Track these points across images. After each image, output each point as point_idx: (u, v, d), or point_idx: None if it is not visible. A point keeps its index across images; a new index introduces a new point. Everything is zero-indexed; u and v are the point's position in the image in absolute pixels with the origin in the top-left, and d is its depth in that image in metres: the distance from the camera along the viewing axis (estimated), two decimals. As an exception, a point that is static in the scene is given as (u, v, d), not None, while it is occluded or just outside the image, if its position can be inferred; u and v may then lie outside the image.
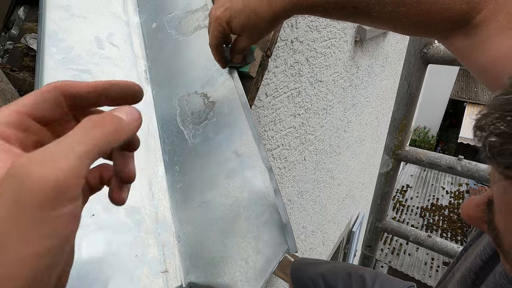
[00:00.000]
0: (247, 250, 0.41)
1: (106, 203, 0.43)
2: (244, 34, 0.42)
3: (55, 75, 0.52)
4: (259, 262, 0.39)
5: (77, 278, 0.37)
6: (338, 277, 0.82)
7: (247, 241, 0.41)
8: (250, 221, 0.42)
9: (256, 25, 0.38)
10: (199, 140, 0.50)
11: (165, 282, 0.42)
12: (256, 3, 0.37)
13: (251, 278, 0.39)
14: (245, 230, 0.42)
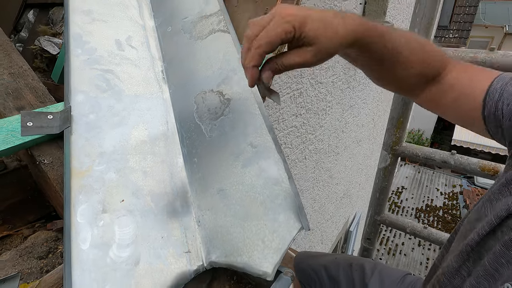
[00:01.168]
0: (264, 231, 0.45)
1: (133, 189, 0.48)
2: (312, 44, 0.36)
3: (81, 75, 0.57)
4: (275, 241, 0.44)
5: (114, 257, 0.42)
6: (339, 267, 0.87)
7: (263, 223, 0.46)
8: (266, 205, 0.47)
9: (330, 38, 0.36)
10: (216, 134, 0.55)
11: (188, 261, 0.47)
12: (334, 17, 0.37)
13: (268, 255, 0.44)
14: (262, 213, 0.46)
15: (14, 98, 0.50)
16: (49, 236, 0.54)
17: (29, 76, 0.54)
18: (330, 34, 0.36)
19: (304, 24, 0.36)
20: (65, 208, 0.43)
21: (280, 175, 0.47)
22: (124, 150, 0.52)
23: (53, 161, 0.49)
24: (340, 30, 0.37)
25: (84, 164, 0.47)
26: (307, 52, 0.37)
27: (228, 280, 0.53)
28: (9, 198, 0.54)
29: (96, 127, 0.52)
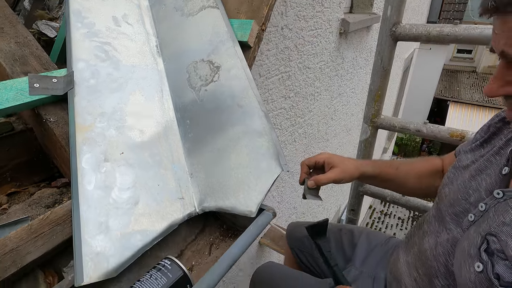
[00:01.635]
0: (249, 177, 0.51)
1: (131, 145, 0.53)
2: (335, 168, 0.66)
3: (82, 46, 0.62)
4: (259, 185, 0.50)
5: (116, 197, 0.47)
6: (330, 232, 0.93)
7: (249, 171, 0.52)
8: (251, 156, 0.52)
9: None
10: (206, 98, 0.60)
11: (182, 206, 0.52)
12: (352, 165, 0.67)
13: (253, 197, 0.49)
14: (247, 162, 0.52)
15: (21, 64, 0.55)
16: (54, 191, 0.59)
17: (33, 45, 0.59)
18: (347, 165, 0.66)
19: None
20: (71, 156, 0.48)
21: (264, 128, 0.53)
22: (123, 112, 0.57)
23: (58, 119, 0.54)
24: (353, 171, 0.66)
25: (87, 120, 0.53)
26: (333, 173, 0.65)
27: (218, 228, 0.59)
28: (16, 158, 0.59)
29: (96, 91, 0.57)
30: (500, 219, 0.40)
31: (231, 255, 0.41)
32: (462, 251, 0.44)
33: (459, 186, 0.52)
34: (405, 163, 0.73)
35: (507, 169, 0.44)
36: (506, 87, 0.38)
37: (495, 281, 0.36)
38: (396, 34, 0.77)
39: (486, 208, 0.44)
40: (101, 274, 0.40)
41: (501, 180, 0.44)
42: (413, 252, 0.60)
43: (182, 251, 0.53)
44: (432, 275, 0.51)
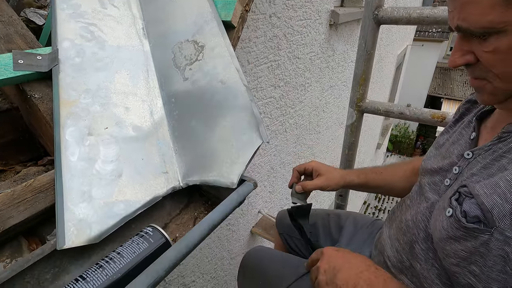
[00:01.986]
0: (231, 150, 0.52)
1: (116, 120, 0.54)
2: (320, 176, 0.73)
3: (67, 26, 0.62)
4: (240, 157, 0.51)
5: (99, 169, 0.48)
6: (318, 218, 0.95)
7: (231, 144, 0.53)
8: (233, 130, 0.54)
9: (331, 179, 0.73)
10: (191, 77, 0.61)
11: (166, 179, 0.53)
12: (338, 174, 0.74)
13: (234, 169, 0.51)
14: (229, 136, 0.53)
15: (5, 42, 0.56)
16: (40, 169, 0.59)
17: (18, 24, 0.59)
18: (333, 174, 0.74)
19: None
20: (54, 129, 0.49)
21: (245, 103, 0.54)
22: (108, 89, 0.58)
23: (43, 96, 0.54)
24: (338, 180, 0.73)
25: (72, 96, 0.53)
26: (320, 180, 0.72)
27: (203, 204, 0.60)
28: (1, 137, 0.60)
29: (81, 69, 0.58)
30: (470, 172, 0.43)
31: (211, 219, 0.42)
32: (438, 208, 0.47)
33: (437, 159, 0.55)
34: (388, 167, 0.78)
35: (474, 134, 0.50)
36: (465, 56, 0.42)
37: (463, 219, 0.39)
38: (378, 17, 0.79)
39: (459, 171, 0.49)
40: (83, 240, 0.41)
41: (470, 145, 0.49)
42: (395, 225, 0.62)
43: (166, 224, 0.54)
44: (412, 242, 0.54)
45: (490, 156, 0.43)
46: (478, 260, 0.39)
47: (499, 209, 0.37)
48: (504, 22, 0.35)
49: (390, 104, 0.86)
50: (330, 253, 0.54)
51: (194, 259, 1.09)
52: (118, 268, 0.39)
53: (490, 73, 0.40)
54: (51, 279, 0.40)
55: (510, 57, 0.37)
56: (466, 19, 0.38)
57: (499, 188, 0.38)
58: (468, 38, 0.40)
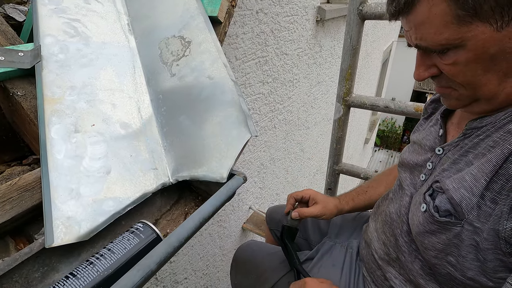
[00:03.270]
0: (220, 145, 0.53)
1: (103, 117, 0.54)
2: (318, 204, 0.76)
3: (49, 21, 0.61)
4: (230, 151, 0.52)
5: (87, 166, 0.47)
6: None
7: (220, 139, 0.53)
8: (221, 125, 0.54)
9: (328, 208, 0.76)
10: (178, 73, 0.61)
11: (155, 176, 0.53)
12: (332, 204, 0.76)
13: (224, 163, 0.51)
14: (218, 131, 0.54)
15: (-16, 38, 0.54)
16: (25, 169, 0.58)
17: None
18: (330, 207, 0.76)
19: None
20: (39, 127, 0.48)
21: (233, 98, 0.54)
22: (93, 86, 0.57)
23: (26, 93, 0.53)
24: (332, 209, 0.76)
25: (56, 93, 0.52)
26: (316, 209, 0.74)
27: (193, 200, 0.60)
28: (-17, 136, 0.58)
29: (65, 65, 0.57)
30: (441, 168, 0.46)
31: (202, 213, 0.43)
32: (415, 203, 0.49)
33: (412, 155, 0.58)
34: (373, 183, 0.83)
35: (442, 131, 0.53)
36: (429, 70, 0.44)
37: (436, 214, 0.41)
38: (363, 12, 0.80)
39: (433, 166, 0.51)
40: (72, 237, 0.41)
41: (439, 141, 0.53)
42: (380, 218, 0.64)
43: (157, 220, 0.54)
44: (397, 235, 0.56)
45: (458, 152, 0.46)
46: (453, 251, 0.42)
47: (467, 202, 0.39)
48: (459, 38, 0.37)
49: (376, 98, 0.88)
50: (313, 284, 0.56)
51: (186, 256, 1.09)
52: (109, 264, 0.39)
53: (454, 82, 0.42)
54: (40, 277, 0.39)
55: (470, 68, 0.39)
56: (423, 38, 0.40)
57: (465, 182, 0.40)
58: (428, 53, 0.42)
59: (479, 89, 0.40)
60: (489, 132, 0.42)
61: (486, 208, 0.38)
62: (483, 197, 0.38)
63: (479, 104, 0.43)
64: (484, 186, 0.38)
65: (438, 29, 0.37)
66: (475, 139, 0.44)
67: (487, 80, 0.39)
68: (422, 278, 0.49)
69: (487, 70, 0.38)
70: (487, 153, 0.40)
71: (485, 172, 0.39)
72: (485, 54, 0.36)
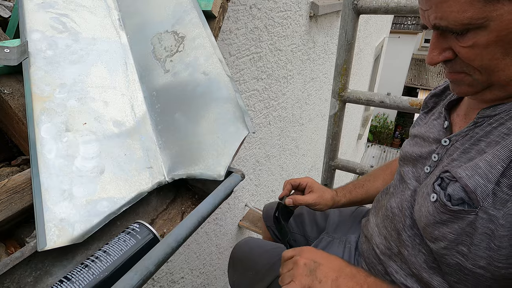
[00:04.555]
0: (217, 142, 0.52)
1: (95, 116, 0.52)
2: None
3: (36, 16, 0.59)
4: (227, 148, 0.51)
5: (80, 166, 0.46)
6: (303, 208, 0.97)
7: (216, 136, 0.52)
8: (218, 121, 0.53)
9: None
10: (172, 69, 0.60)
11: (150, 175, 0.52)
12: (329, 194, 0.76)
13: (221, 161, 0.50)
14: (215, 128, 0.53)
15: (-33, 34, 0.51)
16: (15, 170, 0.56)
17: (-19, 15, 0.55)
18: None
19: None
20: (28, 126, 0.46)
21: (229, 94, 0.53)
22: (84, 83, 0.55)
23: (13, 91, 0.51)
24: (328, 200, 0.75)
25: (45, 91, 0.50)
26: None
27: (190, 198, 0.59)
28: (-31, 137, 0.56)
29: (54, 62, 0.55)
30: (450, 158, 0.45)
31: (200, 212, 0.42)
32: (422, 195, 0.49)
33: (414, 148, 0.57)
34: (370, 177, 0.81)
35: (447, 122, 0.52)
36: (444, 53, 0.42)
37: (448, 203, 0.40)
38: (358, 7, 0.80)
39: (439, 158, 0.51)
40: (66, 240, 0.39)
41: (444, 133, 0.52)
42: (381, 213, 0.64)
43: (153, 219, 0.53)
44: (399, 229, 0.55)
45: (468, 141, 0.45)
46: (465, 240, 0.41)
47: (482, 189, 0.38)
48: (483, 18, 0.35)
49: (371, 93, 0.88)
50: (311, 249, 0.55)
51: (183, 255, 1.08)
52: (105, 267, 0.37)
53: (469, 66, 0.41)
54: (33, 282, 0.38)
55: (489, 51, 0.37)
56: (444, 17, 0.38)
57: (480, 169, 0.40)
58: (445, 35, 0.41)
59: (495, 74, 0.39)
60: (502, 120, 0.41)
61: (503, 194, 0.37)
62: (499, 183, 0.38)
63: (492, 91, 0.42)
64: (501, 173, 0.37)
65: (462, 6, 0.35)
66: (487, 127, 0.43)
67: (505, 65, 0.37)
68: (426, 271, 0.49)
69: (507, 54, 0.36)
70: (502, 140, 0.39)
71: (501, 158, 0.38)
72: (508, 36, 0.35)
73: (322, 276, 0.49)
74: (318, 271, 0.50)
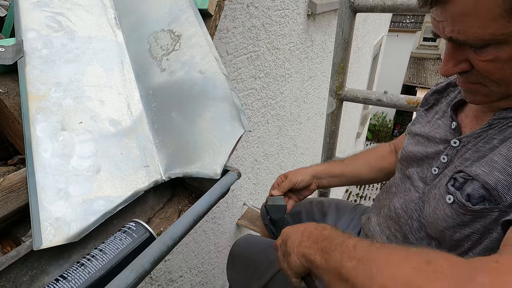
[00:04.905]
0: (213, 141, 0.52)
1: (91, 115, 0.52)
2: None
3: (31, 15, 0.58)
4: (223, 147, 0.51)
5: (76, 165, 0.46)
6: (301, 206, 0.97)
7: (213, 135, 0.52)
8: (214, 120, 0.53)
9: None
10: (168, 67, 0.59)
11: (147, 173, 0.52)
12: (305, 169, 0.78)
13: (217, 159, 0.50)
14: (211, 127, 0.53)
15: (-38, 33, 0.51)
16: (11, 169, 0.56)
17: (-24, 14, 0.55)
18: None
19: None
20: (24, 125, 0.46)
21: (225, 93, 0.53)
22: (80, 82, 0.55)
23: (8, 91, 0.51)
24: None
25: (41, 90, 0.50)
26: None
27: (187, 197, 0.59)
28: (-35, 136, 0.55)
29: (50, 61, 0.55)
30: (462, 158, 0.45)
31: (196, 210, 0.42)
32: (434, 197, 0.48)
33: (418, 147, 0.57)
34: (350, 156, 0.81)
35: (455, 123, 0.51)
36: (460, 65, 0.41)
37: (468, 204, 0.40)
38: (354, 5, 0.80)
39: (448, 159, 0.49)
40: (62, 239, 0.39)
41: (453, 134, 0.50)
42: (383, 212, 0.63)
43: (150, 218, 0.53)
44: (406, 232, 0.54)
45: (481, 141, 0.44)
46: (487, 236, 0.40)
47: (502, 184, 0.37)
48: (506, 34, 0.33)
49: (368, 92, 0.88)
50: (286, 230, 0.53)
51: (181, 254, 1.08)
52: (101, 265, 0.38)
53: (487, 79, 0.39)
54: (29, 281, 0.38)
55: (509, 65, 0.36)
56: (462, 31, 0.35)
57: (496, 163, 0.39)
58: (461, 47, 0.39)
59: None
60: None
61: None
62: None
63: (508, 101, 0.41)
64: None
65: (484, 22, 0.33)
66: (502, 127, 0.42)
67: None
68: None
69: None
70: None
71: None
72: None
73: (290, 249, 0.47)
74: (287, 246, 0.48)
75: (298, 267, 0.44)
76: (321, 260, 0.39)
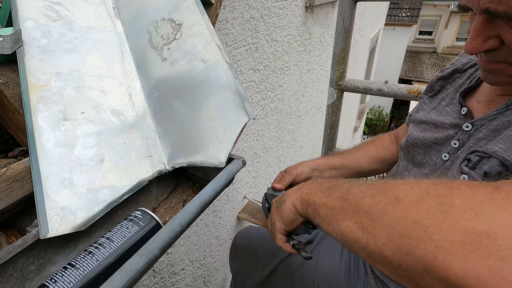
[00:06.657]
0: (217, 129, 0.51)
1: (92, 104, 0.51)
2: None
3: (29, 4, 0.57)
4: (227, 135, 0.50)
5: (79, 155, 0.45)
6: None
7: (217, 123, 0.52)
8: (218, 108, 0.52)
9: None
10: (169, 57, 0.59)
11: (151, 163, 0.52)
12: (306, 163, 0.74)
13: (222, 148, 0.50)
14: (215, 115, 0.52)
15: (-42, 22, 0.50)
16: (12, 161, 0.55)
17: (-29, 3, 0.53)
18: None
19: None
20: (25, 115, 0.45)
21: (229, 81, 0.53)
22: (81, 72, 0.55)
23: (7, 81, 0.50)
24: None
25: (41, 80, 0.49)
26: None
27: (191, 187, 0.59)
28: (-36, 129, 0.55)
29: (49, 51, 0.54)
30: (476, 139, 0.44)
31: (202, 197, 0.42)
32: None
33: (425, 133, 0.56)
34: (351, 148, 0.81)
35: (465, 109, 0.50)
36: (489, 42, 0.38)
37: (486, 181, 0.40)
38: (355, -6, 0.80)
39: (460, 144, 0.48)
40: (68, 227, 0.39)
41: (464, 119, 0.50)
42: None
43: (154, 208, 0.53)
44: None
45: (495, 122, 0.43)
46: None
47: None
48: None
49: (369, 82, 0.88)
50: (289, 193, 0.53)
51: (183, 247, 1.08)
52: (109, 253, 0.37)
53: None
54: (36, 270, 0.38)
55: None
56: (504, 1, 0.33)
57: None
58: (494, 21, 0.36)
59: None
60: None
61: None
62: None
63: None
64: None
65: None
66: None
67: None
68: None
69: None
70: None
71: None
72: None
73: (286, 196, 0.48)
74: (284, 195, 0.49)
75: (288, 215, 0.45)
76: (322, 195, 0.38)
